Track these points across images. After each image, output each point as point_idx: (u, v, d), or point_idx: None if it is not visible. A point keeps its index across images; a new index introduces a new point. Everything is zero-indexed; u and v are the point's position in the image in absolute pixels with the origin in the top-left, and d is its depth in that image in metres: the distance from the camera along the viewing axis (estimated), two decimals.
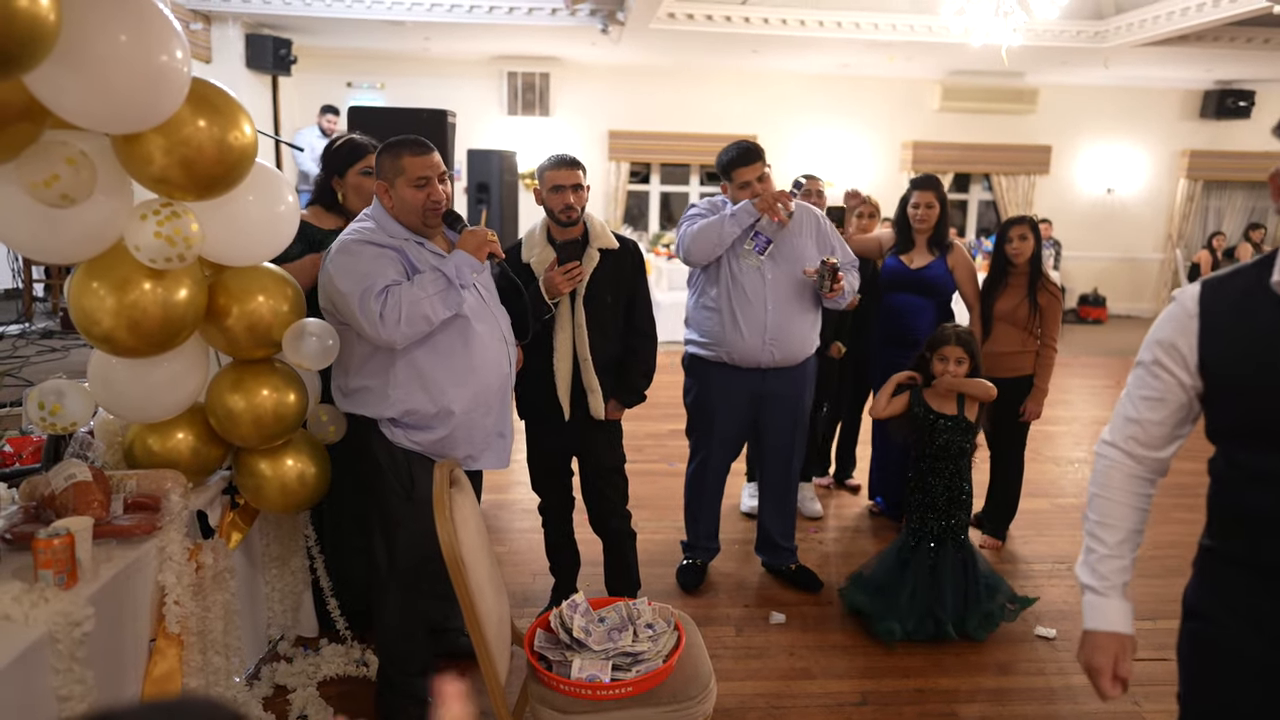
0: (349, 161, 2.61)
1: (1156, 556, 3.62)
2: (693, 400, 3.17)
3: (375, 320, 2.03)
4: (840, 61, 8.66)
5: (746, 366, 3.00)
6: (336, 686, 2.53)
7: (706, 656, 2.02)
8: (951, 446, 2.88)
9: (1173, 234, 10.31)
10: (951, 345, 2.89)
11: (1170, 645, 3.00)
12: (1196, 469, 3.79)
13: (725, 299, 2.97)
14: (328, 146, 2.69)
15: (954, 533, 2.89)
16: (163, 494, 2.00)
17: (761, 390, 3.04)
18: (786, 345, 2.98)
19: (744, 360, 2.98)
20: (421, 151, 2.15)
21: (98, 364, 2.06)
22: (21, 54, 1.34)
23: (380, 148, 2.21)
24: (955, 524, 2.89)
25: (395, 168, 2.14)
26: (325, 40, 8.32)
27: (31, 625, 1.55)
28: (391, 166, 2.14)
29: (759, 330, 2.94)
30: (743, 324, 2.94)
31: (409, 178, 2.13)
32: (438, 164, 2.16)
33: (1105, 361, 7.88)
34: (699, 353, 3.08)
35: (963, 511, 2.91)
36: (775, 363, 2.99)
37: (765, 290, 2.93)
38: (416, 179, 2.13)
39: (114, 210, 1.83)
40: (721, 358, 3.01)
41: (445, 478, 1.78)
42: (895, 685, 2.65)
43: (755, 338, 2.94)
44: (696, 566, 3.27)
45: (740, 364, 2.99)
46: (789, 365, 3.03)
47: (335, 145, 2.66)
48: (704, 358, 3.06)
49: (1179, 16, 6.67)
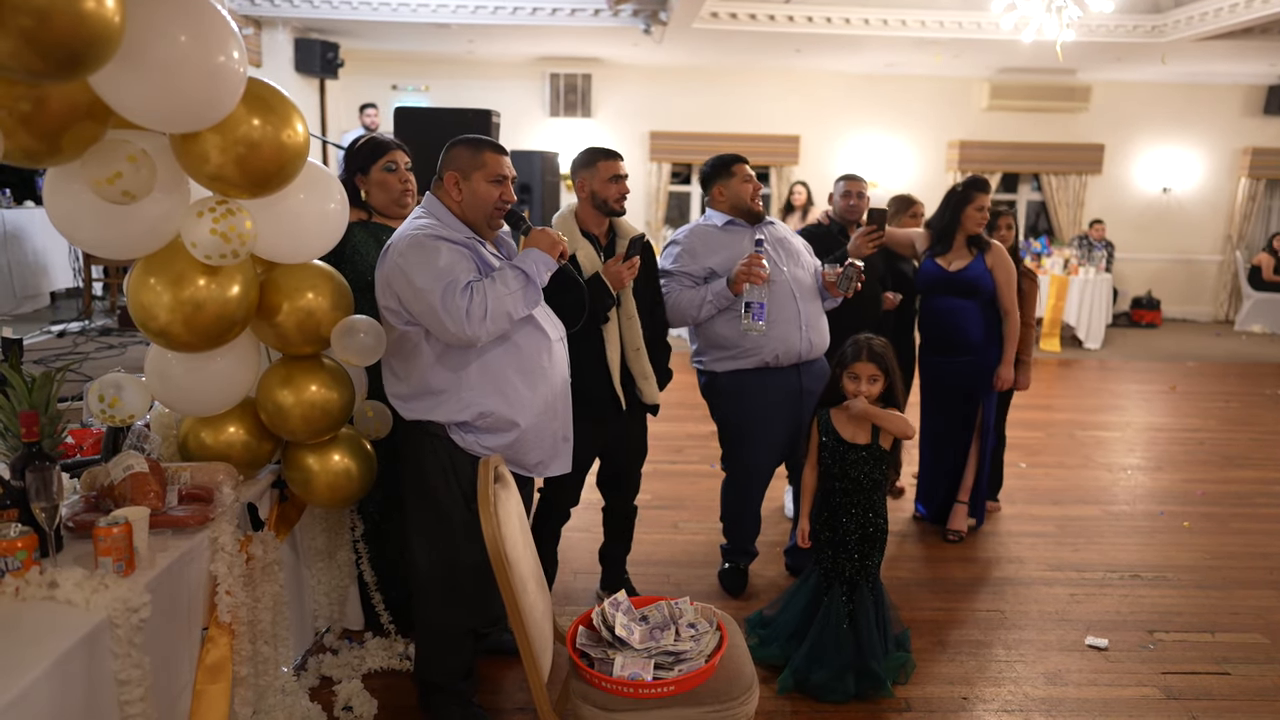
0: (373, 158, 2.64)
1: (1216, 567, 3.50)
2: (728, 419, 3.09)
3: (461, 316, 2.00)
4: (885, 60, 8.54)
5: (787, 364, 2.99)
6: (380, 679, 2.56)
7: (749, 657, 2.00)
8: (864, 480, 2.53)
9: (1232, 235, 9.98)
10: (863, 362, 2.50)
11: (1230, 659, 2.92)
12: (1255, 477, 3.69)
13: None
14: (350, 145, 2.72)
15: (868, 573, 2.57)
16: (215, 486, 2.04)
17: (799, 387, 3.03)
18: (819, 332, 3.05)
19: (786, 355, 2.97)
20: (502, 152, 2.20)
21: (154, 359, 2.11)
22: (88, 55, 1.38)
23: (456, 139, 2.22)
24: (870, 564, 2.57)
25: (476, 161, 2.15)
26: (371, 43, 8.48)
27: (93, 610, 1.59)
28: (471, 160, 2.15)
29: (794, 319, 2.96)
30: (779, 320, 2.94)
31: (489, 173, 2.15)
32: (511, 167, 2.22)
33: (1159, 367, 7.64)
34: (732, 367, 2.99)
35: (876, 550, 2.57)
36: (811, 353, 3.03)
37: (788, 286, 2.99)
38: (496, 176, 2.16)
39: (172, 207, 1.88)
40: (760, 363, 2.97)
41: (489, 475, 1.79)
42: (940, 692, 2.59)
43: (793, 327, 2.96)
44: (740, 570, 3.24)
45: (782, 361, 2.98)
46: (817, 357, 3.07)
47: (359, 144, 2.69)
48: (738, 370, 2.99)
49: (1242, 9, 6.45)
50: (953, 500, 3.74)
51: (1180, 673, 2.72)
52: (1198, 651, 2.86)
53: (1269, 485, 4.50)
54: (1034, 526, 3.89)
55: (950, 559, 3.53)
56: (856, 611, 2.55)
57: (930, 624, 2.99)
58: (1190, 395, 6.60)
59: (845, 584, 2.56)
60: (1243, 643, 2.90)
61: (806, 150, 9.43)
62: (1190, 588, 3.32)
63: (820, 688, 2.50)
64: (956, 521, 3.71)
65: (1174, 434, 5.53)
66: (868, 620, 2.55)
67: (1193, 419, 5.91)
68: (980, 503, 3.76)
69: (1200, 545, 3.72)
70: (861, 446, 2.53)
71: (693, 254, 3.00)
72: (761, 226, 3.03)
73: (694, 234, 3.05)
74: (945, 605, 3.15)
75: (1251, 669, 2.75)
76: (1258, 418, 5.93)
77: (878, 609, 2.60)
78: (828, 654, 2.52)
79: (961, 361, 3.60)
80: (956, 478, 3.72)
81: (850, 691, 2.50)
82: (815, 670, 2.52)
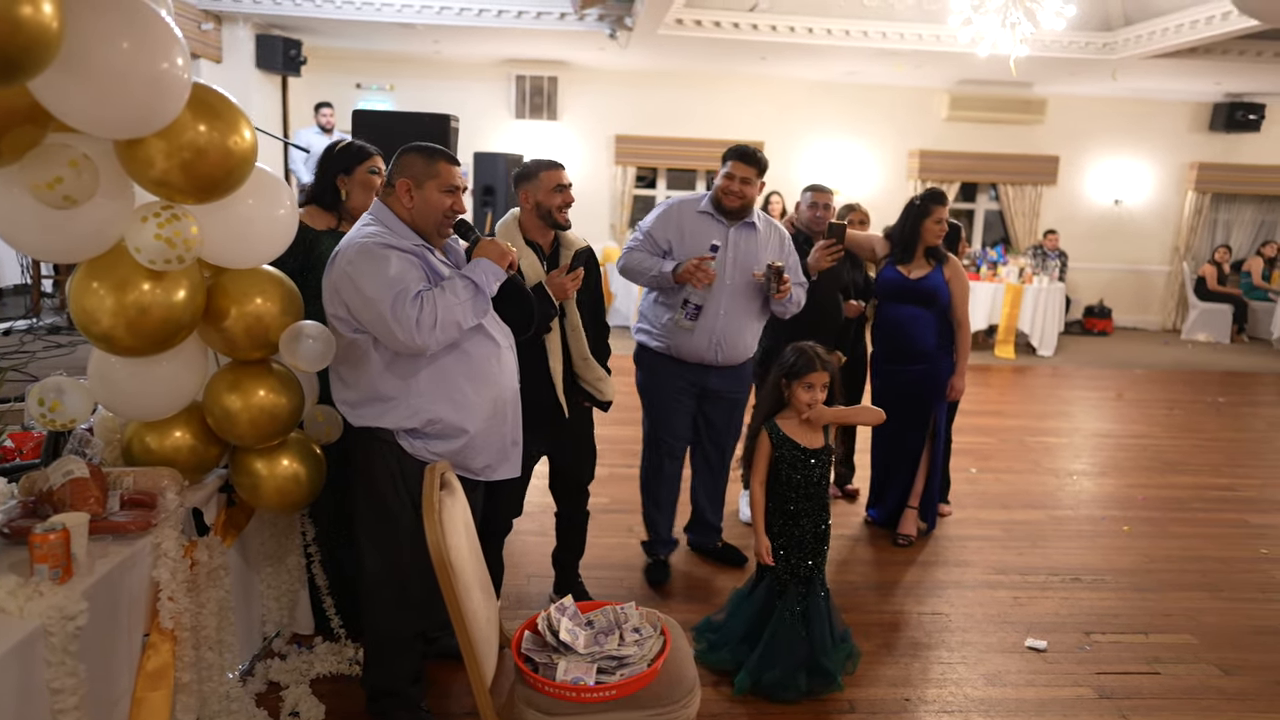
0: (358, 159, 2.64)
1: (1152, 571, 3.62)
2: (644, 389, 3.31)
3: (411, 326, 2.01)
4: (848, 70, 8.68)
5: (690, 361, 3.15)
6: (329, 684, 2.55)
7: (692, 662, 2.04)
8: (821, 481, 2.62)
9: (1180, 247, 10.28)
10: (818, 371, 2.57)
11: (1162, 659, 3.03)
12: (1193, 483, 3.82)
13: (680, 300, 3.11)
14: (330, 148, 2.72)
15: (819, 570, 2.65)
16: (159, 491, 2.03)
17: (704, 385, 3.20)
18: (732, 348, 3.15)
19: (690, 357, 3.14)
20: (455, 162, 2.23)
21: (97, 362, 2.09)
22: (25, 61, 1.38)
23: (408, 147, 2.23)
24: (822, 561, 2.66)
25: (430, 170, 2.16)
26: (335, 42, 8.39)
27: (26, 618, 1.58)
28: (426, 169, 2.16)
29: (707, 333, 3.09)
30: (700, 326, 3.08)
31: (442, 182, 2.17)
32: (463, 178, 2.26)
33: (1109, 374, 7.86)
34: (649, 343, 3.23)
35: (825, 546, 2.66)
36: (718, 362, 3.15)
37: (721, 296, 3.07)
38: (449, 185, 2.18)
39: (115, 212, 1.87)
40: (669, 351, 3.17)
41: (435, 481, 1.81)
42: (883, 694, 2.66)
43: (703, 338, 3.10)
44: (662, 562, 3.38)
45: (685, 359, 3.15)
46: (732, 365, 3.19)
47: (341, 146, 2.69)
48: (653, 349, 3.21)
49: (1188, 29, 6.66)
50: (904, 505, 3.82)
51: (1113, 673, 2.82)
52: (1131, 652, 2.96)
53: (1205, 490, 4.66)
54: (981, 530, 3.99)
55: (899, 562, 3.61)
56: (809, 610, 2.61)
57: (876, 626, 3.06)
58: (1136, 402, 6.80)
59: (800, 584, 2.62)
60: (1173, 643, 3.01)
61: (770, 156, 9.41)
62: (1127, 590, 3.43)
63: (774, 686, 2.55)
64: (906, 526, 3.79)
65: (1119, 440, 5.70)
66: (820, 617, 2.62)
67: (1138, 425, 6.09)
68: (931, 508, 3.84)
69: (1139, 549, 3.85)
70: (820, 450, 2.62)
71: (664, 223, 3.16)
72: (739, 228, 3.12)
73: (677, 207, 3.20)
74: (892, 608, 3.22)
75: (1180, 668, 2.86)
76: (1199, 424, 6.13)
77: (827, 606, 2.67)
78: (780, 655, 2.57)
79: (915, 370, 3.68)
80: (908, 483, 3.80)
81: (803, 689, 2.56)
82: (768, 671, 2.57)
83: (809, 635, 2.60)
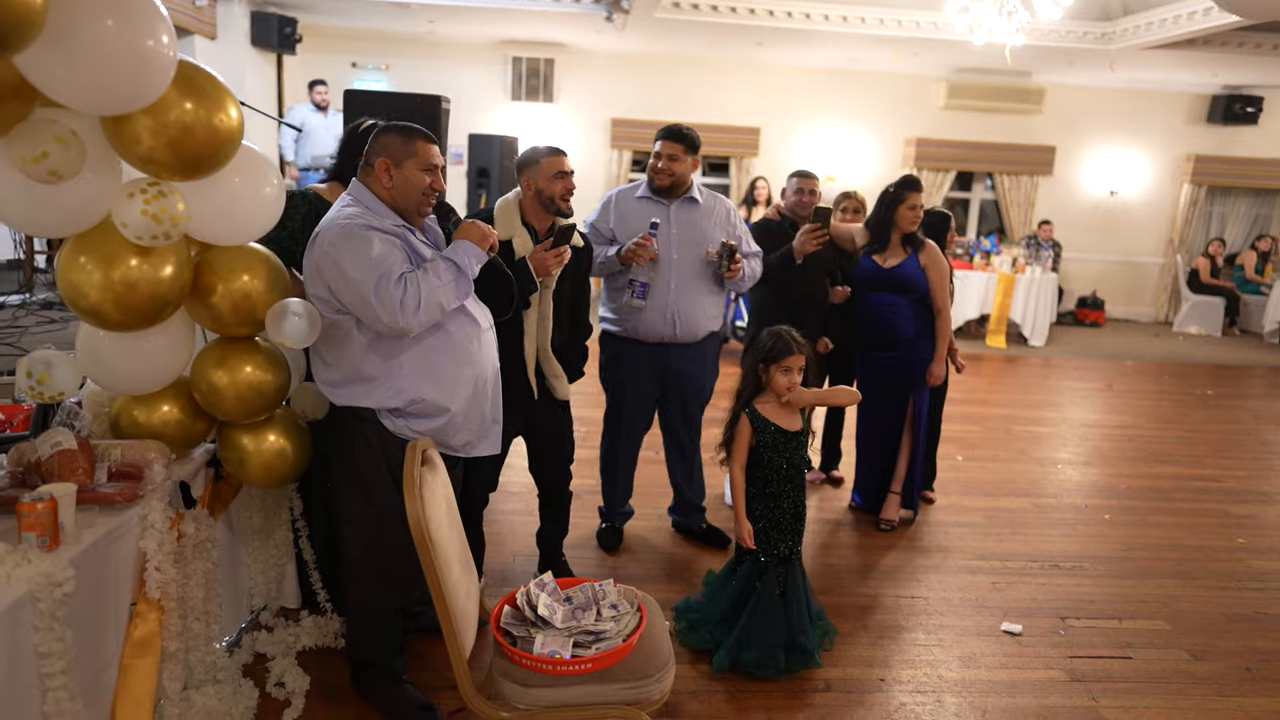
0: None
1: (1129, 558, 3.68)
2: (605, 370, 3.38)
3: (395, 307, 2.03)
4: (846, 56, 8.65)
5: (651, 341, 3.22)
6: (314, 657, 2.60)
7: (668, 637, 2.08)
8: (801, 462, 2.67)
9: (1174, 239, 10.31)
10: (796, 355, 2.59)
11: (1134, 644, 3.08)
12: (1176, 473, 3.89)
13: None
14: (354, 127, 2.70)
15: (797, 551, 2.70)
16: (146, 464, 2.06)
17: (665, 365, 3.27)
18: (689, 322, 3.21)
19: (648, 335, 3.21)
20: (434, 141, 2.23)
21: (86, 336, 2.11)
22: (9, 36, 1.39)
23: (385, 125, 2.24)
24: (800, 539, 2.71)
25: (408, 149, 2.17)
26: (330, 19, 8.34)
27: (14, 584, 1.61)
28: (404, 148, 2.17)
29: (661, 309, 3.17)
30: (651, 304, 3.16)
31: (420, 161, 2.18)
32: (441, 156, 2.26)
33: (1099, 365, 7.90)
34: (610, 329, 3.30)
35: (802, 526, 2.72)
36: (677, 338, 3.22)
37: (670, 271, 3.16)
38: (428, 164, 2.19)
39: (102, 188, 1.89)
40: (629, 334, 3.24)
41: (416, 457, 1.84)
42: (859, 674, 2.71)
43: (658, 315, 3.17)
44: (615, 529, 3.51)
45: (645, 339, 3.22)
46: (691, 341, 3.26)
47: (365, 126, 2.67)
48: (614, 334, 3.29)
49: (1186, 20, 6.66)
50: (887, 491, 3.87)
51: (1086, 656, 2.88)
52: (1104, 637, 3.01)
53: (1188, 481, 4.72)
54: (964, 517, 4.04)
55: (880, 547, 3.66)
56: (789, 589, 2.66)
57: (856, 609, 3.11)
58: (1125, 394, 6.85)
59: (780, 564, 2.67)
60: (1146, 629, 3.07)
61: (767, 142, 9.51)
62: (1104, 577, 3.49)
63: (753, 664, 2.60)
64: (889, 511, 3.84)
65: (1106, 430, 5.75)
66: (798, 596, 2.67)
67: (1125, 416, 6.14)
68: (914, 493, 3.89)
69: (1118, 537, 3.90)
70: (799, 432, 2.66)
71: (605, 213, 3.25)
72: (680, 204, 3.17)
73: (616, 196, 3.30)
74: (872, 591, 3.27)
75: (1151, 653, 2.91)
76: (1186, 416, 6.19)
77: (804, 586, 2.72)
78: (759, 634, 2.62)
79: (895, 356, 3.71)
80: (891, 469, 3.85)
81: (781, 667, 2.60)
82: (747, 650, 2.61)
83: (787, 615, 2.65)
